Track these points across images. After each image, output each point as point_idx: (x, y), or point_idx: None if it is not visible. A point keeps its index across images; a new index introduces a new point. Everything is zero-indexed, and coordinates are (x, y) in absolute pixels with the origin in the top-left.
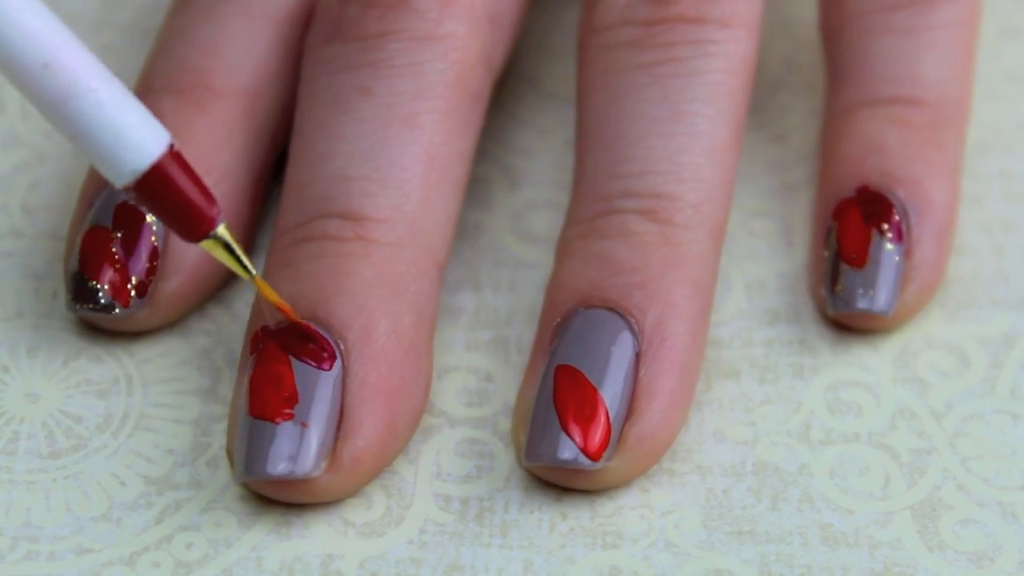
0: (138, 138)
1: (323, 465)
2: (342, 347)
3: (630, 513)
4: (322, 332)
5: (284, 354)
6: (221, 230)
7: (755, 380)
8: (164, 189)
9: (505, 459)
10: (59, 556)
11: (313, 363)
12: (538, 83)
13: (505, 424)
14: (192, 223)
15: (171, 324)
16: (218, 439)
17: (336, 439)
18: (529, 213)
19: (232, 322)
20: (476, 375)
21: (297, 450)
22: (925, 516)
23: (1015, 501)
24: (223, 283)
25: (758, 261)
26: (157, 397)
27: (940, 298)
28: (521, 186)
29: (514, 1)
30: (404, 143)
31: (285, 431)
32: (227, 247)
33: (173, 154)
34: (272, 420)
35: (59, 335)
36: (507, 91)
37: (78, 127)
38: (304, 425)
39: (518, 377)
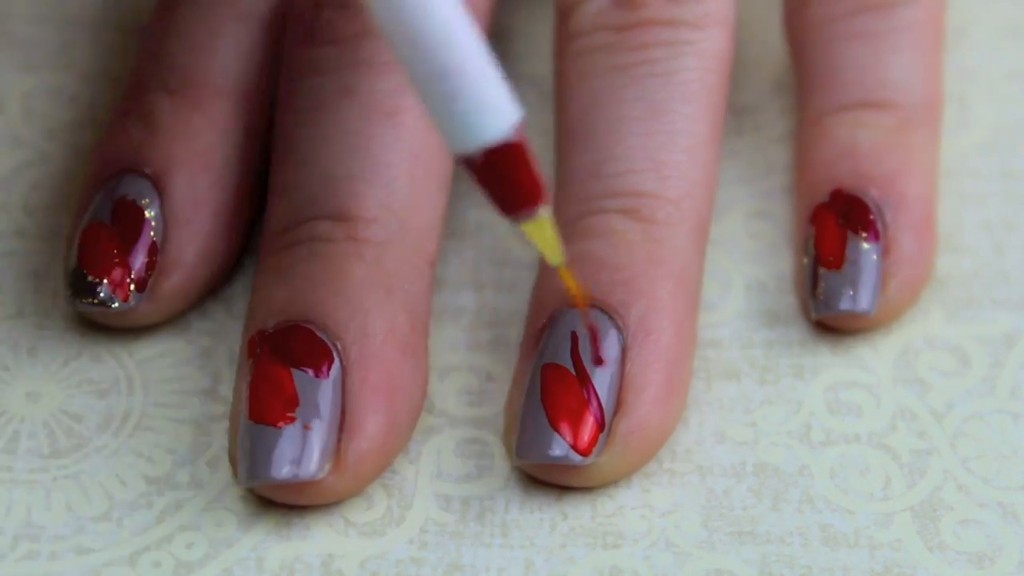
0: (499, 106)
1: (327, 467)
2: (339, 348)
3: (631, 513)
4: (319, 334)
5: (281, 360)
6: (545, 212)
7: (755, 381)
8: (512, 161)
9: (505, 459)
10: (60, 555)
11: (311, 369)
12: (539, 83)
13: None
14: (525, 198)
15: (171, 323)
16: (219, 439)
17: (339, 440)
18: None
19: (232, 322)
20: (477, 375)
21: (300, 453)
22: (925, 517)
23: (1016, 501)
24: (222, 280)
25: (758, 262)
26: (158, 397)
27: (940, 298)
28: None
29: None
30: (388, 141)
31: (287, 434)
32: (544, 231)
33: (519, 131)
34: (273, 424)
35: (60, 335)
36: None
37: (451, 82)
38: (306, 427)
39: None
